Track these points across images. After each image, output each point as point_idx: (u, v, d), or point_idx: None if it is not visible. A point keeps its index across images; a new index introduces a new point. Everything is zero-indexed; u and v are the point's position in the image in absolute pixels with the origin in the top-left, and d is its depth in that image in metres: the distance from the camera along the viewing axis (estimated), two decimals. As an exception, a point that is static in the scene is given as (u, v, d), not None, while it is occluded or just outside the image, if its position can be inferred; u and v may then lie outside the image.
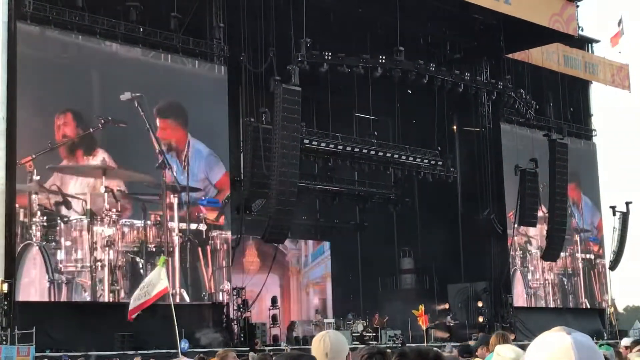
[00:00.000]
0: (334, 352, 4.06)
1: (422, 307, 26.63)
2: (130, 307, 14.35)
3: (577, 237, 40.78)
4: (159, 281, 13.83)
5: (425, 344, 26.89)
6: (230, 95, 29.67)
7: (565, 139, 37.70)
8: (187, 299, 27.87)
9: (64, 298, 25.19)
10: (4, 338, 22.88)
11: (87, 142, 26.39)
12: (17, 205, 24.61)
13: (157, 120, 28.01)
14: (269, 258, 33.23)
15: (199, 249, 28.41)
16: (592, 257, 41.63)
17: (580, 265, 40.81)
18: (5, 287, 23.46)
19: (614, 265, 41.80)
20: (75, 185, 26.04)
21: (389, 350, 4.23)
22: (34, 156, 24.92)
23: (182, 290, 27.76)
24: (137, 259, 26.88)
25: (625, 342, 10.76)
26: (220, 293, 28.83)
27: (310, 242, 40.95)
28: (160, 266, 13.88)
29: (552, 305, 39.02)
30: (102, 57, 26.96)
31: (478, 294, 37.43)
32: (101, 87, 27.04)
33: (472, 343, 14.50)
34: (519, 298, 37.59)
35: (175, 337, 14.00)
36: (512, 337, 8.07)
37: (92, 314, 24.88)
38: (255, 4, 29.60)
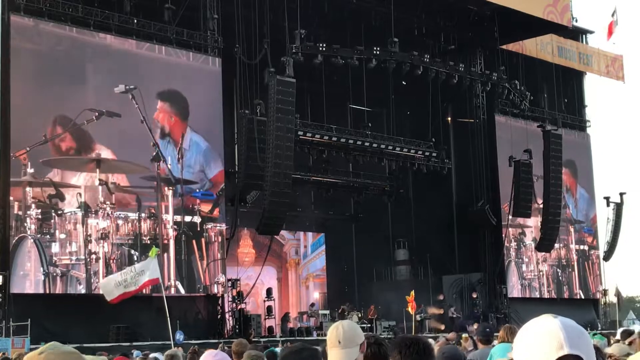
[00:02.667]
0: (347, 339, 4.10)
1: (412, 294, 26.77)
2: (115, 295, 14.35)
3: (571, 229, 40.89)
4: (151, 271, 13.85)
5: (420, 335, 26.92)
6: (225, 87, 29.64)
7: (560, 130, 37.75)
8: (182, 291, 27.90)
9: (58, 290, 25.19)
10: (-2, 330, 22.90)
11: (81, 135, 26.34)
12: (11, 198, 24.59)
13: (158, 103, 28.02)
14: (265, 249, 33.12)
15: (194, 241, 28.41)
16: (586, 248, 41.74)
17: (575, 256, 40.92)
18: (-1, 279, 23.47)
19: (607, 256, 41.92)
20: (69, 178, 26.01)
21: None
22: (28, 149, 24.88)
23: (177, 282, 27.78)
24: (132, 251, 26.88)
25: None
26: (215, 285, 28.86)
27: (310, 232, 40.83)
28: (152, 257, 13.92)
29: (546, 296, 39.15)
30: (96, 49, 26.90)
31: (473, 285, 37.51)
32: (95, 79, 26.97)
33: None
34: (514, 289, 37.70)
35: (168, 329, 14.05)
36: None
37: (87, 306, 24.86)
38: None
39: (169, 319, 14.00)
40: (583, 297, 40.93)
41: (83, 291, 25.63)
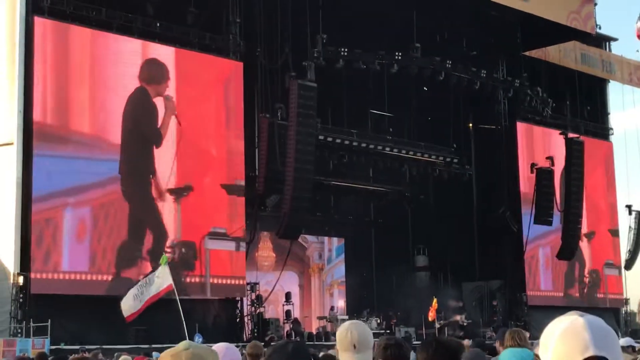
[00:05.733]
0: (362, 343, 4.00)
1: (435, 302, 26.76)
2: (133, 310, 14.40)
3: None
4: (163, 279, 13.89)
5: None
6: (246, 90, 29.66)
7: (582, 137, 37.55)
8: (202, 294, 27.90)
9: (79, 292, 25.24)
10: (19, 330, 23.01)
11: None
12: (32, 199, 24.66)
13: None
14: (286, 252, 32.85)
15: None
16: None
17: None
18: (20, 279, 23.57)
19: (629, 264, 41.66)
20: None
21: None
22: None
23: (197, 285, 27.79)
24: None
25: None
26: (235, 288, 28.87)
27: (329, 237, 40.30)
28: (164, 264, 13.94)
29: (567, 304, 38.85)
30: (122, 53, 26.89)
31: (493, 292, 37.32)
32: (120, 83, 27.01)
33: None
34: (534, 297, 37.45)
35: (184, 331, 14.09)
36: (527, 334, 8.01)
37: (107, 308, 24.88)
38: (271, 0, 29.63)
39: (184, 322, 14.04)
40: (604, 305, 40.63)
41: (104, 293, 25.67)
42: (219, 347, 4.13)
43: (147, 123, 27.25)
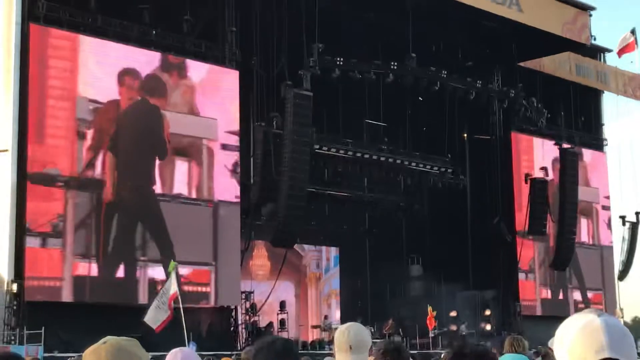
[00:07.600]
0: (358, 344, 4.03)
1: (430, 309, 26.85)
2: (161, 319, 14.42)
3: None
4: (170, 287, 13.94)
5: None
6: (242, 99, 29.68)
7: (576, 148, 37.64)
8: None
9: (73, 299, 25.19)
10: (12, 338, 22.95)
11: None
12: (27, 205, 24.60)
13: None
14: (282, 261, 32.69)
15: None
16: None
17: (590, 275, 40.63)
18: (14, 287, 23.52)
19: (622, 275, 41.68)
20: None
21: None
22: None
23: (191, 293, 27.73)
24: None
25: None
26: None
27: (324, 246, 40.16)
28: (171, 271, 13.97)
29: (561, 314, 38.89)
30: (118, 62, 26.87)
31: (486, 301, 37.33)
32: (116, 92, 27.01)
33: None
34: (528, 306, 37.47)
35: (183, 340, 14.10)
36: (526, 343, 8.03)
37: (101, 316, 24.86)
38: (267, 9, 29.66)
39: (185, 330, 14.06)
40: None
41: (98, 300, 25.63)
42: (174, 352, 4.13)
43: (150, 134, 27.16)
